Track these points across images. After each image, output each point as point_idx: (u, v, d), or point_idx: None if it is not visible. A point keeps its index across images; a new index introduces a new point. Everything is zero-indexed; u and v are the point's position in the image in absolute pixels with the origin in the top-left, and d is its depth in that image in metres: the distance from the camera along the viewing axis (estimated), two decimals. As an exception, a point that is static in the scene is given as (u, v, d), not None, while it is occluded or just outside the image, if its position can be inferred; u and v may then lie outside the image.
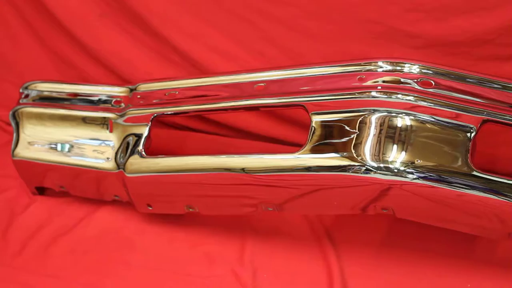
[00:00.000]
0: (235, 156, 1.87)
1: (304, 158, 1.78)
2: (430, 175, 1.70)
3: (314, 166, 1.76)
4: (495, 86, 1.78)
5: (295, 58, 2.16)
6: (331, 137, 1.79)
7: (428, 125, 1.74)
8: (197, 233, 2.04)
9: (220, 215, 2.04)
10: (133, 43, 2.35)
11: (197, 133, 2.43)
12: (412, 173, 1.70)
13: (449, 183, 1.69)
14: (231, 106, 1.94)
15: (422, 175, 1.70)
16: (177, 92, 2.03)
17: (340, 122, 1.79)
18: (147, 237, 2.05)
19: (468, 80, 1.79)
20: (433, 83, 1.78)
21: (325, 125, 1.80)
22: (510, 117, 1.75)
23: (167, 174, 1.93)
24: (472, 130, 1.72)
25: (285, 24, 2.16)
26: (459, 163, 1.70)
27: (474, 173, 1.69)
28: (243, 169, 1.84)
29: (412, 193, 1.72)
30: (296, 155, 1.79)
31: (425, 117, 1.75)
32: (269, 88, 1.92)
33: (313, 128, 1.80)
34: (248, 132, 2.35)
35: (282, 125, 2.29)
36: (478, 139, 1.75)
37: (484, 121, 1.74)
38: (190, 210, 1.97)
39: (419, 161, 1.71)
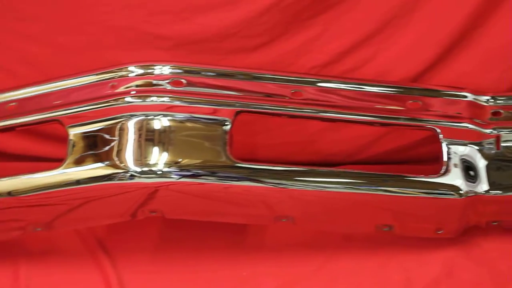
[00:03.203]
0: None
1: (68, 172, 1.76)
2: (195, 172, 1.73)
3: (78, 179, 1.74)
4: (244, 77, 1.84)
5: (49, 73, 2.10)
6: (93, 148, 1.77)
7: (186, 124, 1.78)
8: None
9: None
10: None
11: (-45, 163, 2.32)
12: (176, 172, 1.73)
13: (214, 177, 1.74)
14: (-16, 130, 1.88)
15: (187, 173, 1.73)
16: None
17: (99, 131, 1.78)
18: None
19: (219, 74, 1.84)
20: (185, 82, 1.81)
21: (84, 136, 1.78)
22: (262, 105, 1.82)
23: None
24: (227, 123, 1.77)
25: (35, 41, 2.10)
26: (221, 156, 1.75)
27: (237, 164, 1.75)
28: (9, 193, 1.78)
29: (180, 192, 1.75)
30: (59, 170, 1.76)
31: (182, 116, 1.78)
32: (22, 106, 1.87)
33: (71, 141, 1.78)
34: (10, 154, 2.27)
35: (43, 142, 2.23)
36: (236, 130, 1.80)
37: (238, 112, 1.80)
38: (-45, 243, 1.88)
39: (182, 160, 1.73)
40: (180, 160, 1.74)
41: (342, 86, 1.88)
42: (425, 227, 1.89)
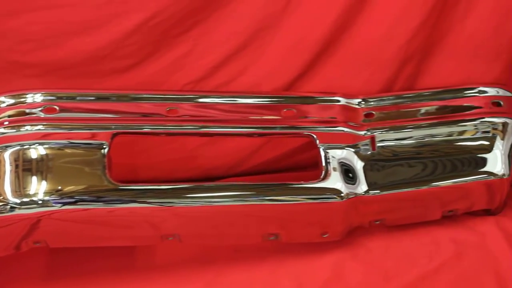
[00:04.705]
0: None
1: None
2: (76, 199, 1.71)
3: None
4: (118, 99, 1.84)
5: None
6: (-32, 183, 1.72)
7: (63, 150, 1.75)
8: None
9: None
10: None
11: None
12: (57, 200, 1.70)
13: (97, 202, 1.72)
14: None
15: (68, 200, 1.71)
16: None
17: (-26, 166, 1.73)
18: None
19: (92, 98, 1.83)
20: (58, 108, 1.79)
21: (-41, 172, 1.73)
22: (139, 125, 1.82)
23: None
24: (104, 146, 1.76)
25: None
26: (102, 180, 1.74)
27: (119, 187, 1.74)
28: None
29: (63, 220, 1.73)
30: None
31: (59, 143, 1.75)
32: None
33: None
34: None
35: None
36: (116, 152, 1.79)
37: (114, 135, 1.79)
38: None
39: (62, 187, 1.71)
40: (60, 187, 1.71)
41: (217, 100, 1.90)
42: (310, 232, 1.92)
